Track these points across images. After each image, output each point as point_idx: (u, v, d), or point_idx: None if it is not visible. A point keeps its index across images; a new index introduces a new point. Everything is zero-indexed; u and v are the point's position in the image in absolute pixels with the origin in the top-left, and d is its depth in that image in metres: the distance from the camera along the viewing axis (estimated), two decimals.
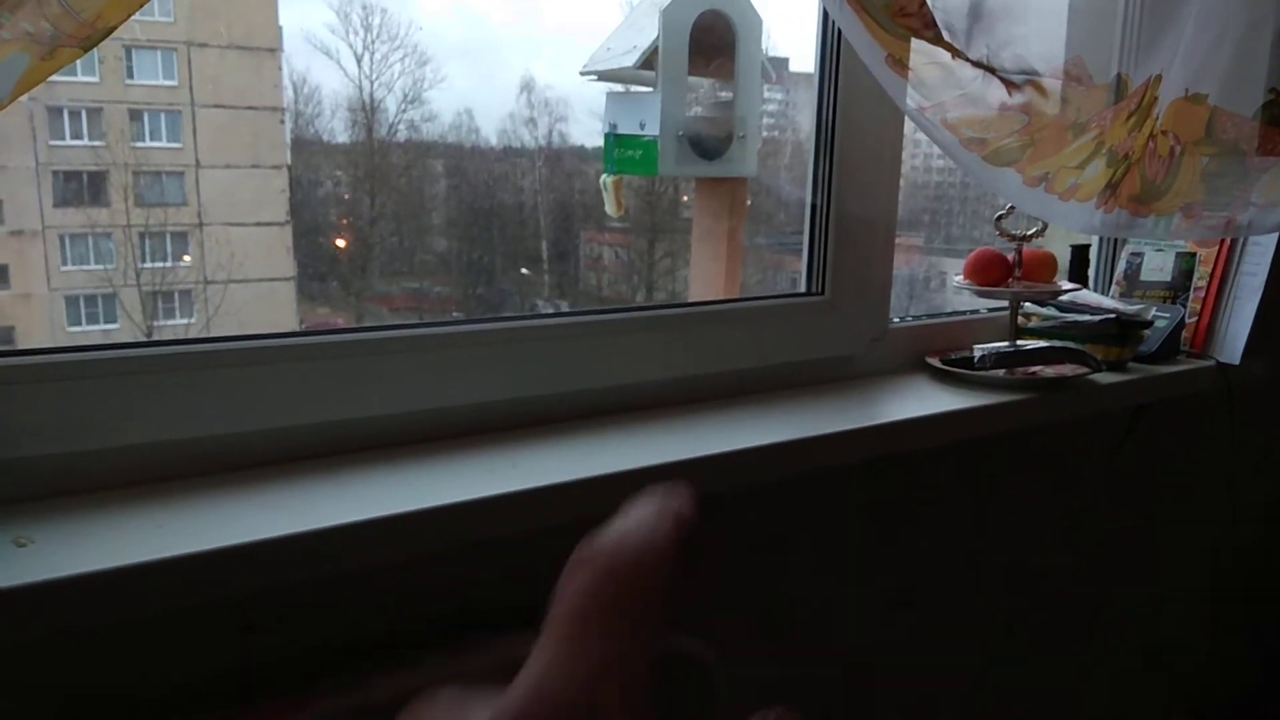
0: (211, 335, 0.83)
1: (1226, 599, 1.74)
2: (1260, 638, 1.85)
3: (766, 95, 1.38)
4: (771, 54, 1.37)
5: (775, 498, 1.07)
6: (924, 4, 0.90)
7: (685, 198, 1.65)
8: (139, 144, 1.24)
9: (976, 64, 0.96)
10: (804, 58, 1.18)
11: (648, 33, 1.22)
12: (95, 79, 1.22)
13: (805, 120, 1.18)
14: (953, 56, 0.95)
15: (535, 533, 0.81)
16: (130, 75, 1.22)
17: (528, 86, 1.39)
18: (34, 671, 0.68)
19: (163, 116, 1.24)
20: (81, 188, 1.25)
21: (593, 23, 1.36)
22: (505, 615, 0.84)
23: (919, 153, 1.73)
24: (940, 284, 1.75)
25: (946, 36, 0.92)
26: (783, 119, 1.58)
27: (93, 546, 0.64)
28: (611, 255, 1.69)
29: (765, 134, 1.42)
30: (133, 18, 0.58)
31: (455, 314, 1.54)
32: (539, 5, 1.30)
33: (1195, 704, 1.79)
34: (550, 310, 1.53)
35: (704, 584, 1.04)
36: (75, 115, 1.21)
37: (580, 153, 1.54)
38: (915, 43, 0.93)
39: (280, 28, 1.24)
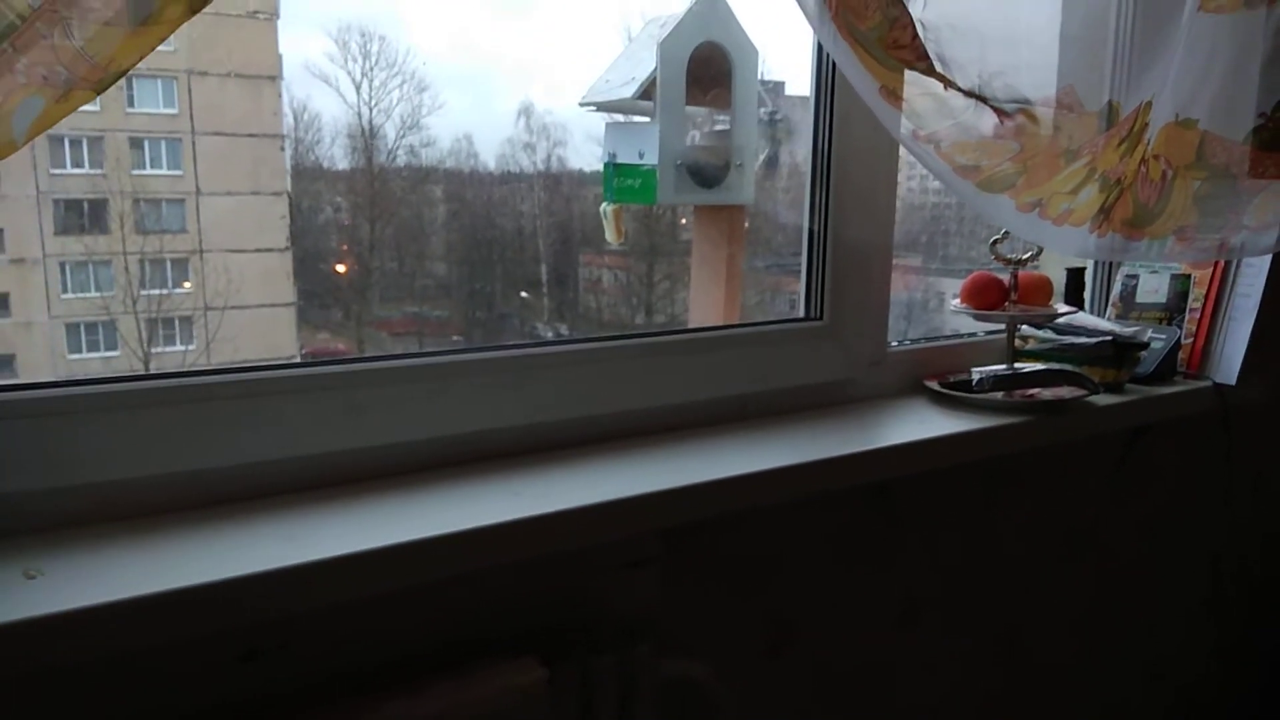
0: (213, 367, 0.83)
1: (1226, 615, 1.74)
2: (1259, 653, 1.85)
3: (763, 118, 1.39)
4: (766, 78, 1.38)
5: (777, 520, 1.07)
6: (916, 36, 0.92)
7: (684, 220, 1.66)
8: (139, 171, 1.24)
9: (969, 94, 0.98)
10: (802, 82, 1.20)
11: (646, 64, 1.24)
12: (96, 108, 1.23)
13: (803, 144, 1.20)
14: (945, 87, 0.96)
15: (538, 560, 0.82)
16: (131, 103, 1.23)
17: (526, 112, 1.40)
18: (37, 707, 0.68)
19: (163, 144, 1.25)
20: (82, 215, 1.26)
21: (591, 48, 1.38)
22: (507, 643, 0.84)
23: (915, 174, 1.74)
24: (938, 304, 1.76)
25: (939, 68, 0.94)
26: (777, 143, 1.59)
27: (102, 578, 0.64)
28: (611, 278, 1.70)
29: (761, 157, 1.43)
30: None
31: (455, 338, 1.54)
32: (535, 31, 1.32)
33: (1195, 719, 1.79)
34: (550, 334, 1.54)
35: (710, 607, 1.04)
36: (76, 144, 1.22)
37: (579, 177, 1.55)
38: (909, 74, 0.95)
39: (280, 56, 1.25)
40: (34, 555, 0.68)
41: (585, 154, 1.48)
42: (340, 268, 1.46)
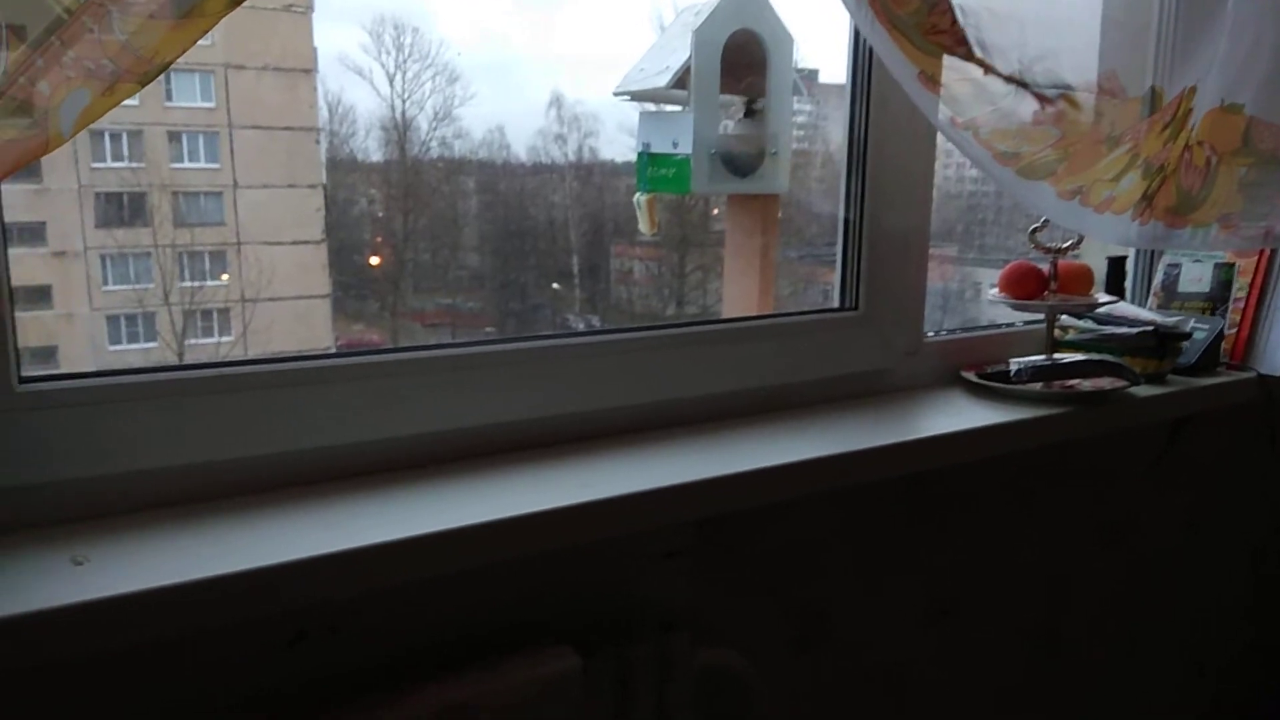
0: (251, 358, 0.84)
1: (1269, 609, 1.72)
2: None
3: (796, 108, 1.38)
4: (801, 65, 1.37)
5: (813, 511, 1.07)
6: (955, 21, 0.91)
7: (715, 211, 1.66)
8: (178, 165, 1.26)
9: (1009, 79, 0.96)
10: (834, 70, 1.19)
11: (680, 53, 1.23)
12: (135, 102, 1.24)
13: (837, 132, 1.19)
14: (984, 72, 0.95)
15: (572, 549, 0.82)
16: (169, 98, 1.25)
17: (557, 102, 1.40)
18: (86, 697, 0.70)
19: (201, 138, 1.26)
20: (122, 209, 1.28)
21: (621, 37, 1.38)
22: (543, 631, 0.85)
23: (951, 163, 1.72)
24: (975, 295, 1.74)
25: (978, 53, 0.92)
26: (813, 131, 1.59)
27: (148, 564, 0.65)
28: (642, 269, 1.69)
29: (795, 145, 1.42)
30: None
31: (488, 329, 1.55)
32: (565, 21, 1.32)
33: (1239, 716, 1.76)
34: (581, 325, 1.54)
35: (743, 598, 1.04)
36: (116, 138, 1.23)
37: (610, 167, 1.55)
38: (947, 59, 0.94)
39: (315, 49, 1.26)
40: (81, 542, 0.69)
41: (616, 144, 1.48)
42: (374, 259, 1.48)
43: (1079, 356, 1.23)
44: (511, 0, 1.28)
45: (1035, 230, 1.20)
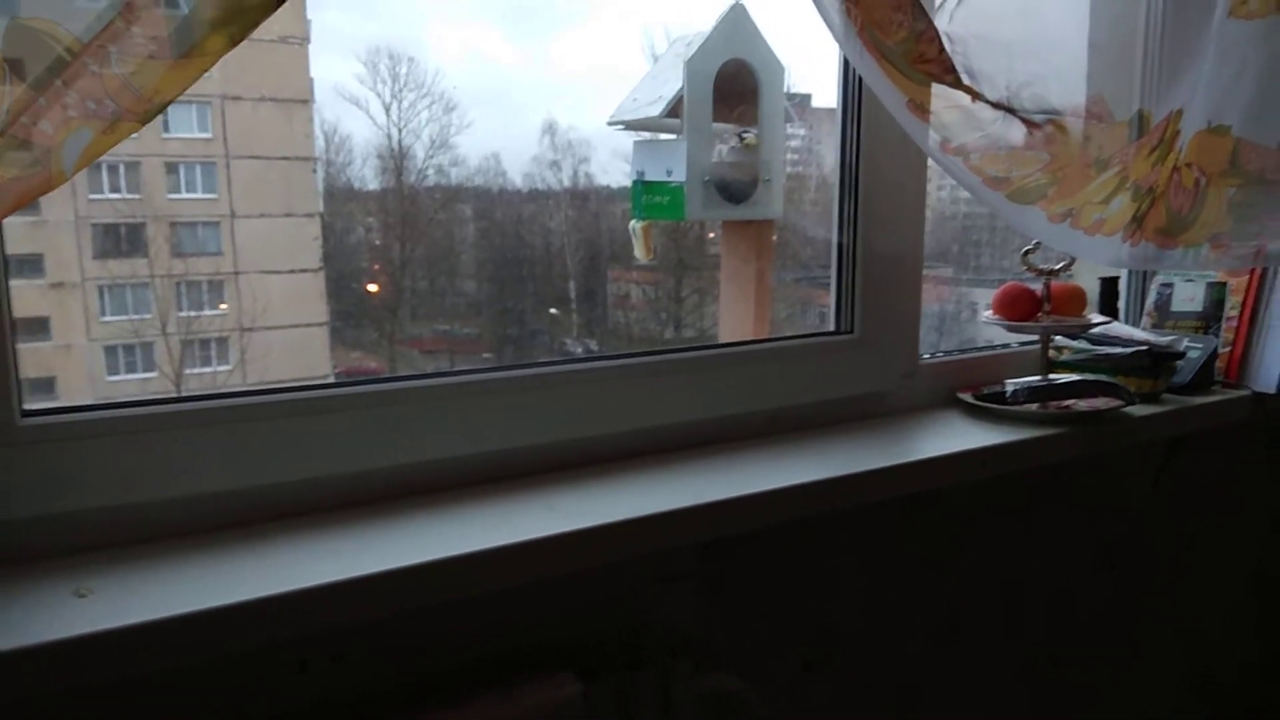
0: (250, 388, 0.84)
1: (1269, 625, 1.71)
2: None
3: (789, 132, 1.39)
4: (794, 90, 1.39)
5: (814, 534, 1.07)
6: (943, 49, 0.92)
7: (711, 235, 1.67)
8: (175, 195, 1.27)
9: (997, 105, 0.98)
10: (827, 94, 1.20)
11: (672, 83, 1.25)
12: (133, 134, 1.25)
13: (830, 155, 1.20)
14: (973, 99, 0.96)
15: (574, 575, 0.82)
16: (166, 129, 1.25)
17: (550, 129, 1.41)
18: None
19: (198, 168, 1.27)
20: (120, 239, 1.28)
21: (612, 66, 1.39)
22: (545, 657, 0.85)
23: (945, 184, 1.73)
24: (970, 315, 1.75)
25: (966, 80, 0.94)
26: (806, 155, 1.60)
27: (151, 595, 0.66)
28: (639, 293, 1.70)
29: (789, 169, 1.44)
30: None
31: (485, 355, 1.55)
32: (554, 51, 1.33)
33: None
34: (579, 349, 1.55)
35: (746, 621, 1.04)
36: (114, 169, 1.24)
37: (605, 193, 1.56)
38: (936, 86, 0.95)
39: (311, 79, 1.27)
40: (84, 574, 0.69)
41: (611, 170, 1.49)
42: (372, 287, 1.48)
43: (1074, 377, 1.24)
44: (504, 30, 1.30)
45: (1028, 252, 1.21)
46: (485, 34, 1.30)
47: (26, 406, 0.74)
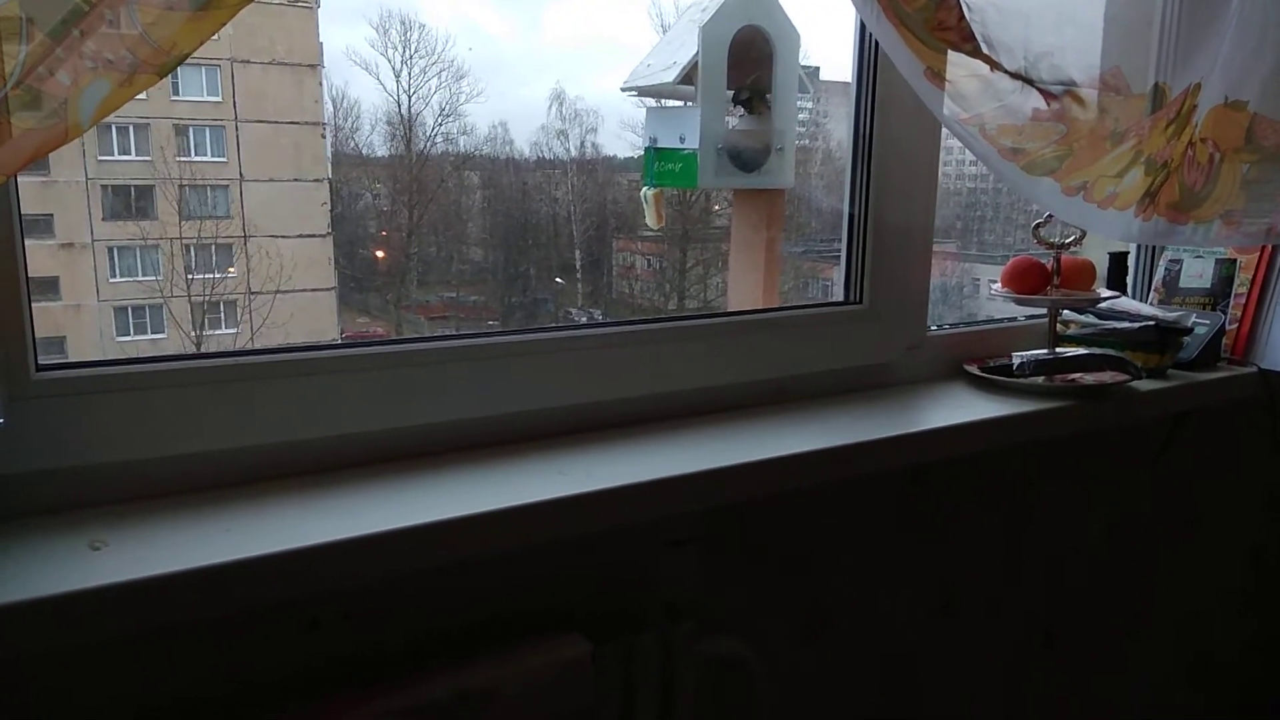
0: (262, 347, 0.85)
1: (1270, 605, 1.72)
2: None
3: (799, 104, 1.39)
4: (803, 63, 1.38)
5: (816, 504, 1.08)
6: (962, 17, 0.91)
7: (717, 207, 1.66)
8: (185, 158, 1.26)
9: (1014, 75, 0.97)
10: (836, 67, 1.19)
11: (687, 49, 1.24)
12: (142, 95, 1.24)
13: (837, 129, 1.19)
14: (991, 69, 0.96)
15: (581, 537, 0.83)
16: (176, 91, 1.25)
17: (558, 98, 1.40)
18: (105, 682, 0.70)
19: (208, 131, 1.27)
20: (129, 201, 1.28)
21: (619, 35, 1.38)
22: (554, 618, 0.86)
23: (951, 159, 1.72)
24: (974, 290, 1.75)
25: (985, 49, 0.93)
26: (814, 127, 1.59)
27: (165, 549, 0.66)
28: (644, 263, 1.70)
29: (797, 142, 1.43)
30: None
31: (491, 322, 1.56)
32: (562, 19, 1.32)
33: (1238, 713, 1.77)
34: (584, 318, 1.55)
35: (749, 587, 1.05)
36: (123, 131, 1.24)
37: (612, 163, 1.56)
38: (953, 55, 0.94)
39: (321, 44, 1.26)
40: (98, 528, 0.70)
41: (618, 140, 1.48)
42: (379, 253, 1.48)
43: (1081, 351, 1.24)
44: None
45: (1038, 226, 1.21)
46: (491, 1, 1.29)
47: (41, 362, 0.75)
